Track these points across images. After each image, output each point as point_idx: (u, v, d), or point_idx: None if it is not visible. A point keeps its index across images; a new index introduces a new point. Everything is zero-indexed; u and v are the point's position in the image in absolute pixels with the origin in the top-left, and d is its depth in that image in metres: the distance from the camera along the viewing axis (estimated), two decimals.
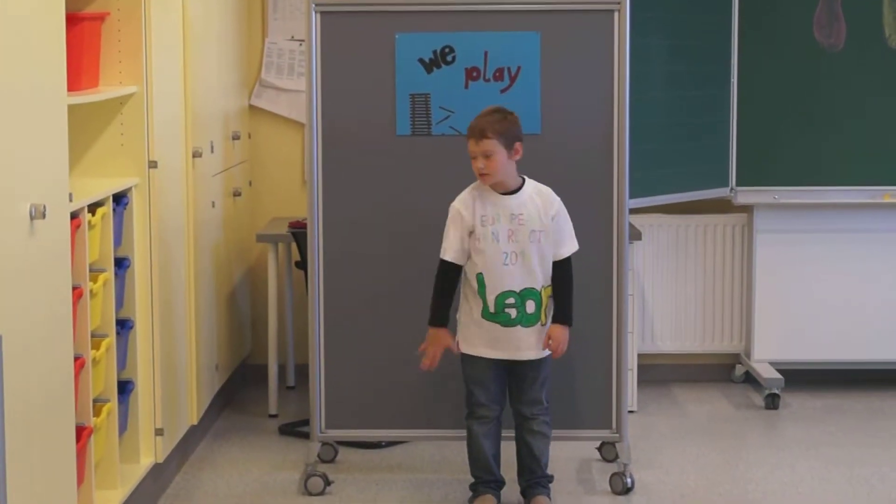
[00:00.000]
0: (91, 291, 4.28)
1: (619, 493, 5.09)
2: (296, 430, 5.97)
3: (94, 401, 4.37)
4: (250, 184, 6.77)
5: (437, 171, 5.10)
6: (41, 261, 3.58)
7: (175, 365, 5.18)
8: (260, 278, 6.71)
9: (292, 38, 6.77)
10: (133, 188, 4.74)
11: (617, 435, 5.19)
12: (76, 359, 4.10)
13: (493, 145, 4.73)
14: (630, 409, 6.12)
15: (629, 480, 5.12)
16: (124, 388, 4.71)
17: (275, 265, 6.25)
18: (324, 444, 5.39)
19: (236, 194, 6.34)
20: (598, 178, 5.09)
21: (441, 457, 5.58)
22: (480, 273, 4.79)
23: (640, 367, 6.31)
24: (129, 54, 4.71)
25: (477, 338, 4.86)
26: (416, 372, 5.04)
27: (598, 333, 5.14)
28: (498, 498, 4.95)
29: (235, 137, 6.34)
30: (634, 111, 5.27)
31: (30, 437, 3.50)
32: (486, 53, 5.08)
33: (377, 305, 5.18)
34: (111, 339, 4.52)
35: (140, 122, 4.75)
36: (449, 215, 4.84)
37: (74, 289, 4.06)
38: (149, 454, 4.89)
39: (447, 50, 5.09)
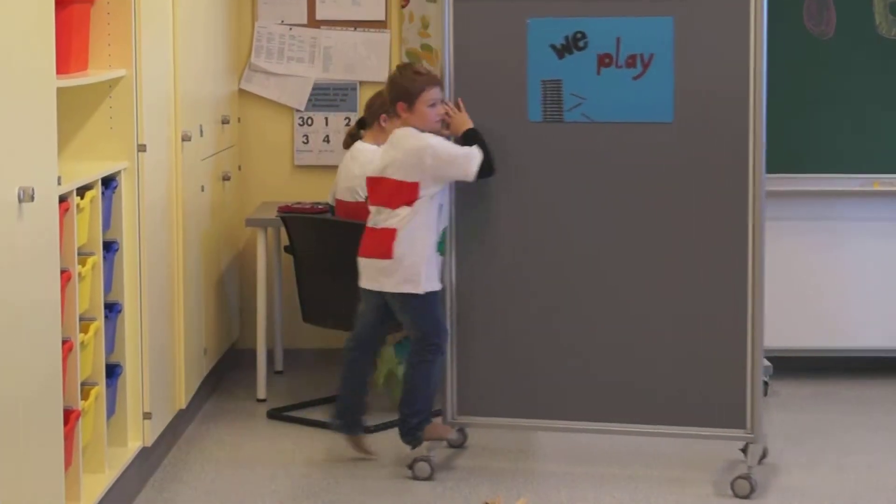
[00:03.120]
0: (79, 275, 4.29)
1: (743, 497, 4.91)
2: (284, 414, 5.98)
3: (82, 384, 4.38)
4: (239, 168, 6.77)
5: (568, 157, 5.08)
6: (29, 244, 3.58)
7: (163, 349, 5.19)
8: (249, 263, 6.72)
9: (282, 23, 6.77)
10: (122, 172, 4.74)
11: (752, 435, 5.06)
12: (64, 342, 4.10)
13: None
14: None
15: (754, 483, 4.94)
16: (112, 371, 4.71)
17: (264, 250, 6.26)
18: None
19: (225, 178, 6.34)
20: (731, 167, 4.97)
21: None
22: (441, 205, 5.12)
23: None
24: (118, 37, 4.71)
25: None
26: (551, 360, 5.08)
27: (730, 327, 5.03)
28: None
29: (225, 122, 6.34)
30: None
31: (17, 421, 3.50)
32: (618, 40, 5.02)
33: (509, 291, 5.17)
34: (99, 323, 4.52)
35: (129, 105, 4.75)
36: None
37: (63, 272, 4.06)
38: (137, 438, 4.90)
39: (579, 36, 5.04)
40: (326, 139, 6.83)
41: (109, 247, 4.65)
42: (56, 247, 3.83)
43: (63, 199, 4.06)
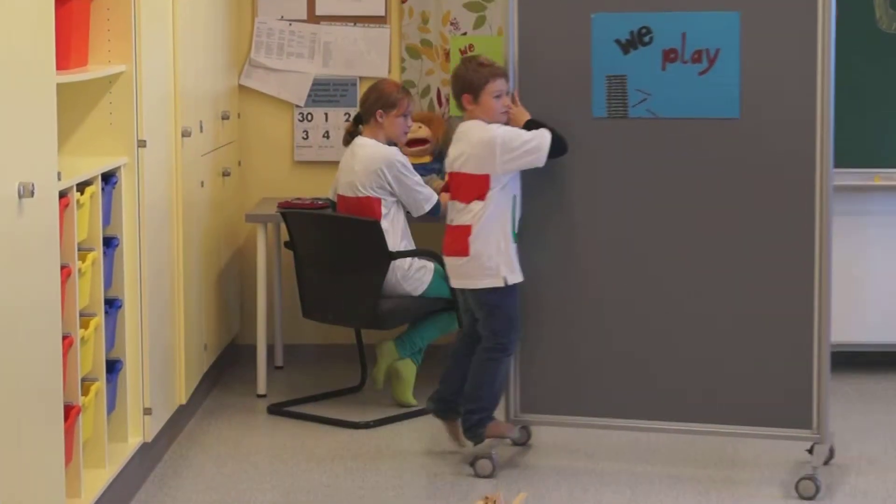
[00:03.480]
0: (79, 270, 4.29)
1: (808, 499, 4.84)
2: (284, 410, 5.99)
3: (82, 380, 4.38)
4: (239, 164, 6.77)
5: (633, 153, 5.05)
6: (29, 240, 3.59)
7: (163, 344, 5.19)
8: (249, 258, 6.72)
9: (282, 18, 6.77)
10: (122, 167, 4.74)
11: (818, 436, 4.96)
12: (64, 338, 4.10)
13: None
14: None
15: (819, 484, 4.85)
16: (112, 367, 4.71)
17: (264, 245, 6.26)
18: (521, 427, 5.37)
19: (225, 174, 6.34)
20: (798, 162, 4.89)
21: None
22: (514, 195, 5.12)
23: None
24: (118, 33, 4.71)
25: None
26: (615, 358, 5.06)
27: (796, 324, 4.95)
28: None
29: (225, 117, 6.34)
30: None
31: (18, 416, 3.51)
32: (683, 35, 4.98)
33: (573, 288, 5.14)
34: (99, 319, 4.52)
35: (129, 101, 4.75)
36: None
37: (63, 268, 4.06)
38: (137, 433, 4.90)
39: (644, 31, 5.00)
40: (326, 135, 6.84)
41: (109, 242, 4.65)
42: (56, 242, 3.83)
43: (63, 194, 4.06)
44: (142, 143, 4.80)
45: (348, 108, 6.79)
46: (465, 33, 6.76)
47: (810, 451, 5.06)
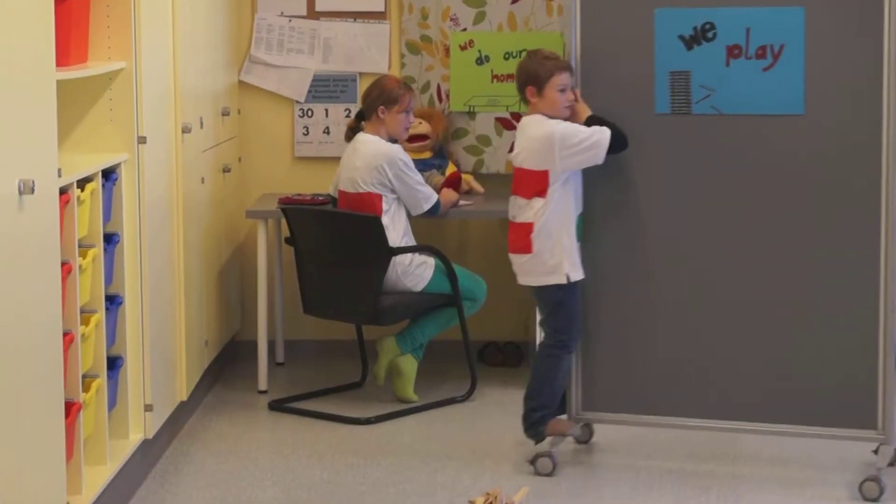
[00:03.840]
0: (80, 267, 4.28)
1: (871, 501, 4.79)
2: (286, 406, 5.99)
3: (83, 376, 4.38)
4: (240, 160, 6.77)
5: (696, 149, 5.01)
6: (30, 236, 3.59)
7: (164, 341, 5.19)
8: (249, 255, 6.71)
9: (282, 14, 6.77)
10: (122, 164, 4.74)
11: (883, 436, 4.88)
12: (65, 334, 4.10)
13: None
14: None
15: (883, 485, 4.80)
16: (113, 363, 4.71)
17: (264, 241, 6.26)
18: (583, 424, 5.33)
19: (226, 170, 6.34)
20: (863, 158, 4.84)
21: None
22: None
23: None
24: (118, 29, 4.70)
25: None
26: (678, 356, 5.02)
27: (861, 324, 4.89)
28: None
29: (225, 113, 6.34)
30: None
31: (19, 413, 3.51)
32: (747, 30, 4.93)
33: (636, 284, 5.10)
34: (100, 315, 4.52)
35: (129, 97, 4.75)
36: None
37: (63, 264, 4.06)
38: (138, 430, 4.90)
39: (707, 26, 4.95)
40: (326, 131, 6.83)
41: (110, 239, 4.65)
42: (56, 239, 3.83)
43: (63, 191, 4.06)
44: (142, 140, 4.80)
45: (348, 104, 6.78)
46: (465, 29, 6.75)
47: (876, 451, 5.00)
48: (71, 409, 4.17)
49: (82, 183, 4.34)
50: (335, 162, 6.17)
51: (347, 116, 6.76)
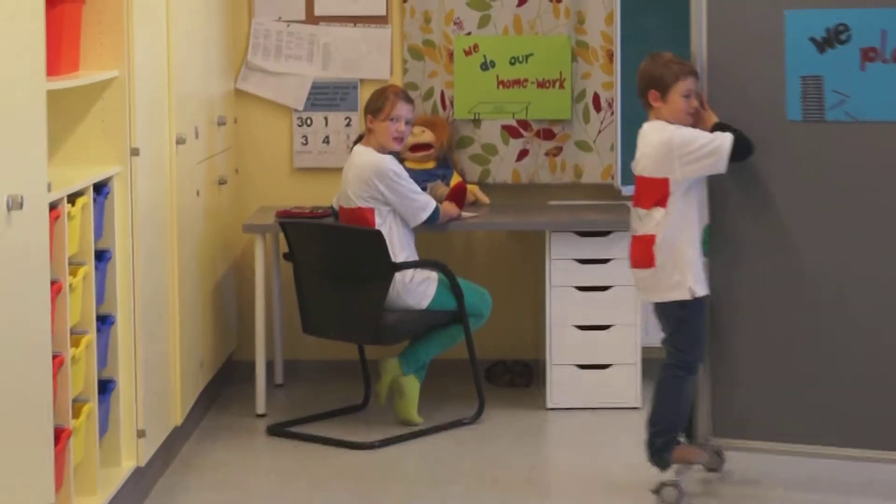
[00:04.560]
0: (70, 286, 4.26)
1: None
2: (285, 430, 5.95)
3: (74, 401, 4.34)
4: (236, 171, 6.75)
5: (830, 158, 4.92)
6: (18, 254, 3.56)
7: (158, 363, 5.16)
8: (246, 271, 6.69)
9: (280, 19, 6.74)
10: (114, 177, 4.71)
11: None
12: (54, 357, 4.08)
13: None
14: (633, 405, 6.11)
15: None
16: (105, 387, 4.69)
17: (262, 257, 6.22)
18: (713, 451, 5.20)
19: (222, 182, 6.32)
20: None
21: None
22: None
23: (644, 361, 6.25)
24: (110, 37, 4.68)
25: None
26: (818, 377, 4.90)
27: None
28: None
29: (221, 123, 6.32)
30: (628, 91, 5.09)
31: (6, 439, 3.48)
32: (883, 32, 4.82)
33: (769, 300, 4.99)
34: (91, 336, 4.49)
35: (122, 107, 4.72)
36: None
37: (53, 283, 4.04)
38: (130, 457, 4.87)
39: (841, 28, 4.87)
40: (326, 140, 6.80)
41: (101, 256, 4.63)
42: (46, 257, 3.82)
43: (53, 206, 4.04)
44: (135, 152, 4.78)
45: (349, 113, 6.76)
46: (469, 33, 6.72)
47: None
48: (60, 435, 4.14)
49: (73, 197, 4.32)
50: (335, 173, 6.15)
51: (348, 125, 6.74)
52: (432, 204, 5.93)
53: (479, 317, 6.06)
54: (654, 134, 5.00)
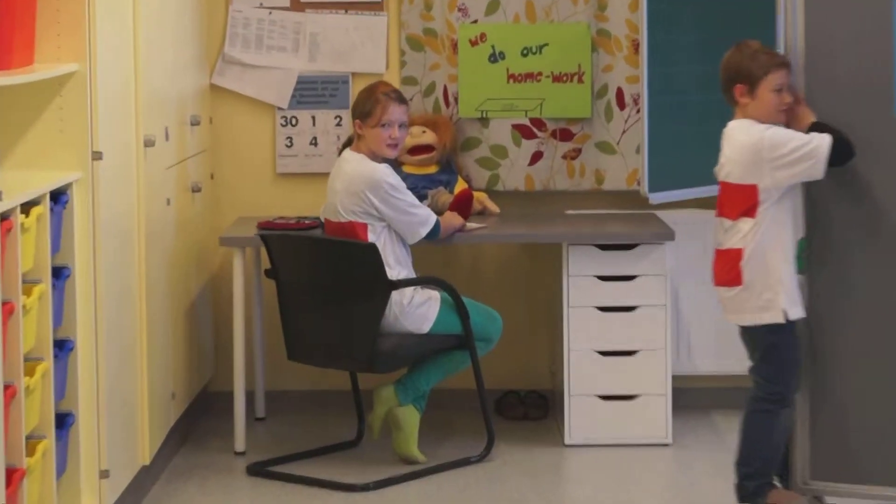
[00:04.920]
0: (24, 307, 4.27)
1: None
2: (267, 470, 5.96)
3: (28, 437, 4.35)
4: (212, 177, 6.77)
5: None
6: None
7: (123, 394, 5.17)
8: (224, 290, 6.70)
9: (261, 6, 6.76)
10: (74, 184, 4.73)
11: None
12: (6, 387, 4.08)
13: None
14: (663, 440, 6.12)
15: None
16: (63, 422, 4.69)
17: (241, 274, 6.24)
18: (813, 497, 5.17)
19: (195, 190, 6.34)
20: None
21: None
22: None
23: (674, 390, 6.28)
24: (69, 26, 4.69)
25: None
26: None
27: None
28: None
29: (194, 123, 6.34)
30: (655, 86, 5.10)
31: None
32: None
33: (875, 325, 4.96)
34: (48, 364, 4.50)
35: (82, 105, 4.74)
36: None
37: (4, 304, 4.05)
38: (92, 500, 4.87)
39: None
40: (314, 142, 6.83)
41: (59, 273, 4.64)
42: None
43: (5, 217, 4.05)
44: (97, 155, 4.79)
45: (339, 111, 6.78)
46: (475, 21, 6.75)
47: None
48: (13, 476, 4.14)
49: (27, 207, 4.33)
50: (324, 179, 6.17)
51: (338, 125, 6.76)
52: (432, 217, 5.94)
53: (487, 341, 6.07)
54: (741, 134, 5.01)
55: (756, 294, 4.99)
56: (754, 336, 5.05)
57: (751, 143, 4.96)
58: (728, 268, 5.03)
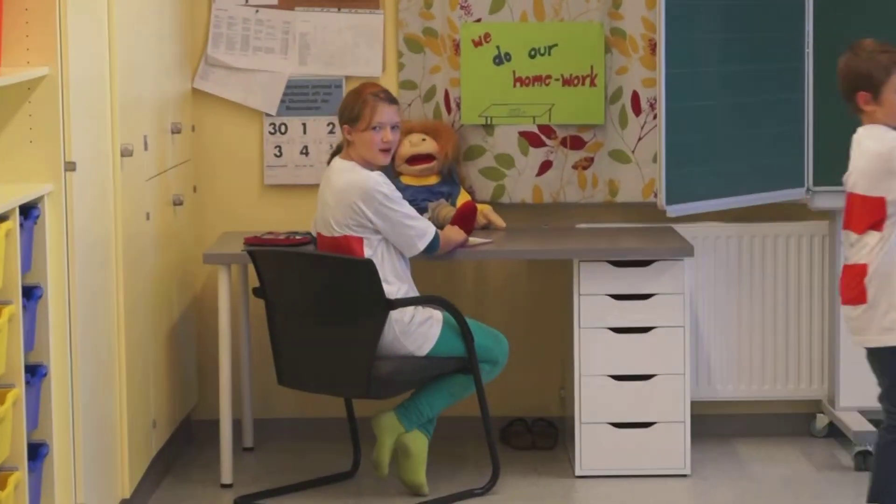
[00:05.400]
0: None
1: None
2: (255, 503, 5.96)
3: None
4: (195, 189, 6.77)
5: None
6: None
7: (101, 422, 5.17)
8: (208, 310, 6.71)
9: (246, 4, 6.77)
10: (45, 197, 4.73)
11: None
12: None
13: None
14: (681, 471, 6.11)
15: None
16: (36, 452, 4.69)
17: (227, 293, 6.24)
18: None
19: (177, 203, 6.34)
20: None
21: None
22: None
23: (693, 417, 6.29)
24: (38, 26, 4.70)
25: None
26: None
27: None
28: None
29: (175, 130, 6.34)
30: (674, 90, 5.08)
31: None
32: None
33: None
34: (19, 391, 4.50)
35: (53, 112, 4.74)
36: None
37: None
38: None
39: None
40: (304, 151, 6.83)
41: (31, 293, 4.64)
42: None
43: None
44: (70, 166, 4.80)
45: (331, 117, 6.78)
46: (479, 20, 6.75)
47: None
48: None
49: None
50: (315, 190, 6.16)
51: (331, 133, 6.76)
52: (431, 230, 5.94)
53: (493, 364, 6.07)
54: (871, 142, 5.00)
55: (881, 313, 4.99)
56: (881, 360, 5.04)
57: (881, 153, 4.96)
58: (853, 285, 5.02)
